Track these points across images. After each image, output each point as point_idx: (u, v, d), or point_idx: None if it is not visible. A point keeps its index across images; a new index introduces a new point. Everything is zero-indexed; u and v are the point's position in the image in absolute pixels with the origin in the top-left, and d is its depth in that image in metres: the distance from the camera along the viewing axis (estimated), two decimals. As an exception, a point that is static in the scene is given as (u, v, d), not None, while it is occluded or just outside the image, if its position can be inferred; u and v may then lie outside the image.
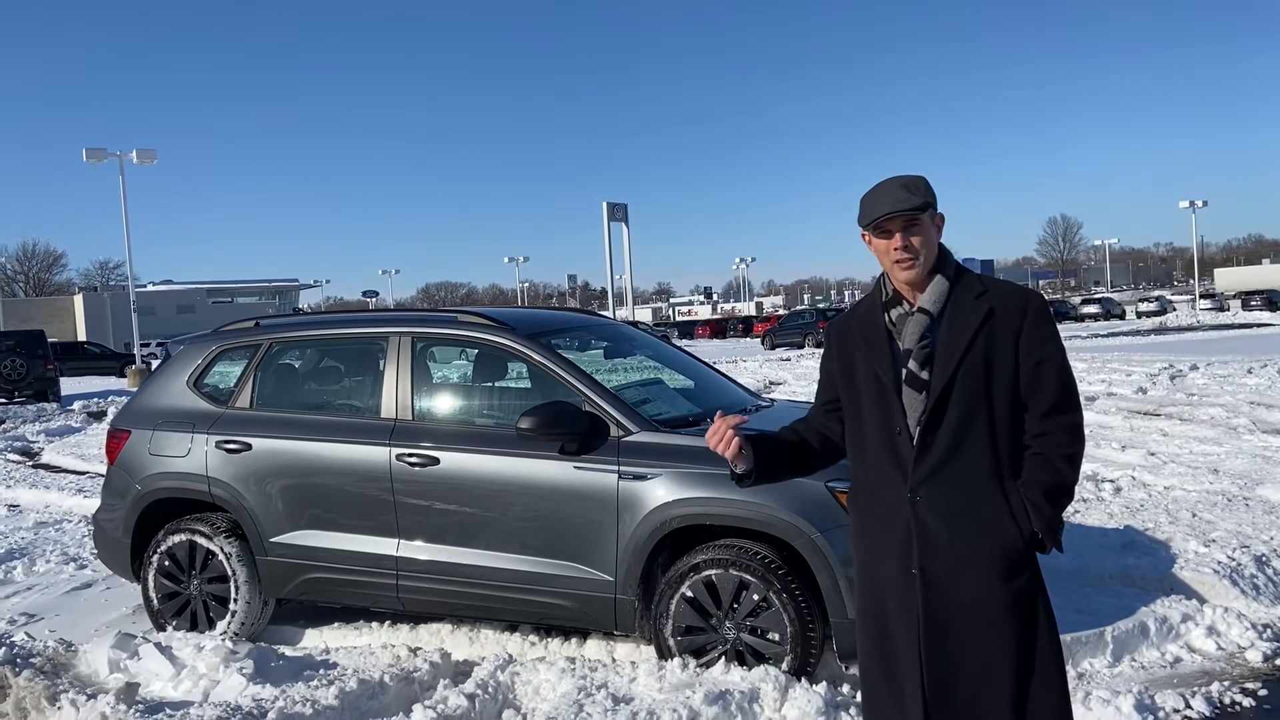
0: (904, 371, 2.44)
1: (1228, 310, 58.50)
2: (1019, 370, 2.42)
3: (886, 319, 2.51)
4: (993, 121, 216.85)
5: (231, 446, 5.17)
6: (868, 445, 2.53)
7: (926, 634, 2.40)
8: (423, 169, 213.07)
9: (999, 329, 2.42)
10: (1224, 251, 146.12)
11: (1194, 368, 17.88)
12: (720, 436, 2.54)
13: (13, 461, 13.43)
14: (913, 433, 2.42)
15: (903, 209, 2.41)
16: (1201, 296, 63.05)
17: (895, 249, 2.43)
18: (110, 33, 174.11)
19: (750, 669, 4.04)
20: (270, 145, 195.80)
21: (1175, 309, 60.33)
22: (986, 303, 2.44)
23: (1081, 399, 2.53)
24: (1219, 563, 5.35)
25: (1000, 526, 2.40)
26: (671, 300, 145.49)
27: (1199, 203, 66.40)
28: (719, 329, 66.76)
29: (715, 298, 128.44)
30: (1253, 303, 56.66)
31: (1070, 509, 6.99)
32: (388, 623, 5.25)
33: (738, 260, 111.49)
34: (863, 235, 2.52)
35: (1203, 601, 4.93)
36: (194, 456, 5.24)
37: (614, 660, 4.65)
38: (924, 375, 2.41)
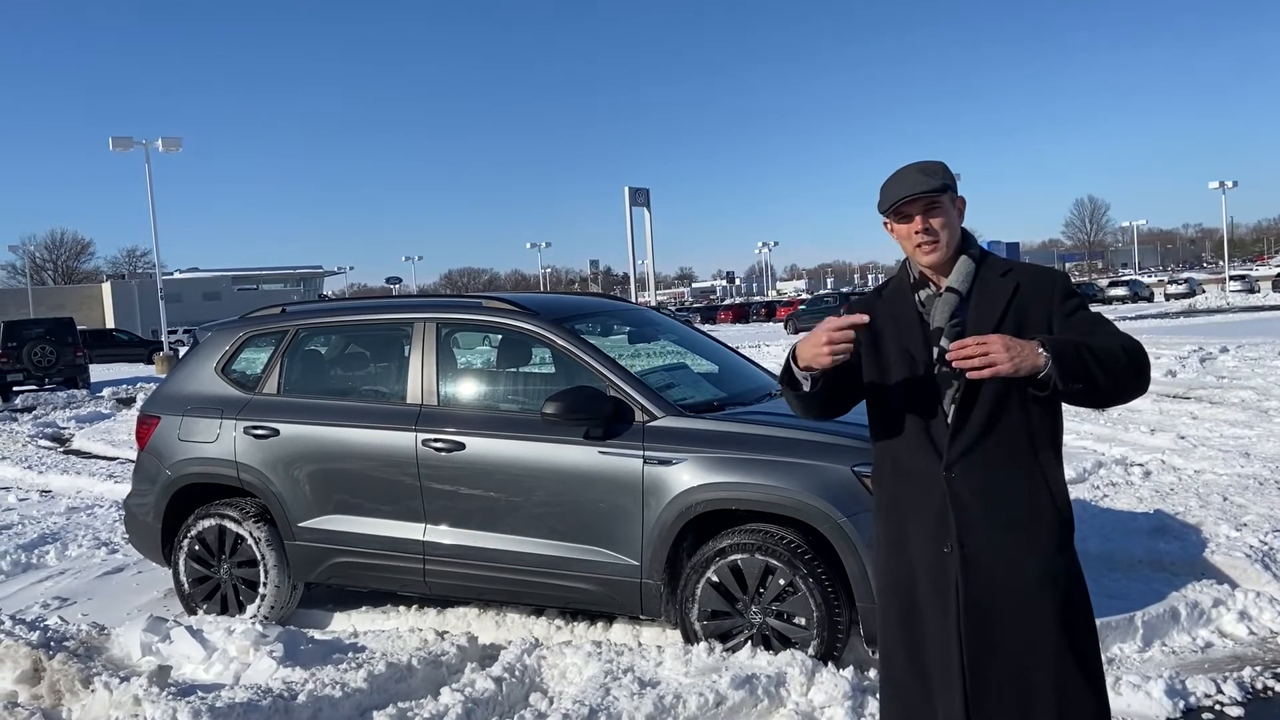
0: (936, 350, 2.43)
1: (1258, 292, 57.66)
2: None
3: (916, 300, 2.50)
4: (1018, 101, 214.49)
5: (259, 432, 5.21)
6: (897, 424, 2.49)
7: (967, 612, 2.37)
8: (445, 156, 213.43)
9: (1029, 304, 2.41)
10: (1254, 232, 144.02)
11: (1224, 350, 17.66)
12: (837, 330, 2.31)
13: (44, 447, 13.61)
14: (947, 410, 2.41)
15: (921, 191, 2.40)
16: (1231, 278, 62.05)
17: (915, 232, 2.43)
18: (137, 21, 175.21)
19: (776, 653, 4.04)
20: (295, 133, 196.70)
21: (1204, 291, 59.52)
22: (1013, 279, 2.44)
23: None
24: (1250, 547, 5.30)
25: (1038, 502, 2.39)
26: (693, 286, 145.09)
27: (1229, 183, 65.26)
28: (741, 313, 66.72)
29: (737, 282, 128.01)
30: (1283, 284, 55.77)
31: (1099, 492, 6.93)
32: (415, 606, 5.29)
33: (760, 244, 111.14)
34: (884, 223, 2.52)
35: (1234, 586, 4.88)
36: (223, 442, 5.29)
37: (640, 644, 4.66)
38: None
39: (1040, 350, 2.24)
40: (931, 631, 2.43)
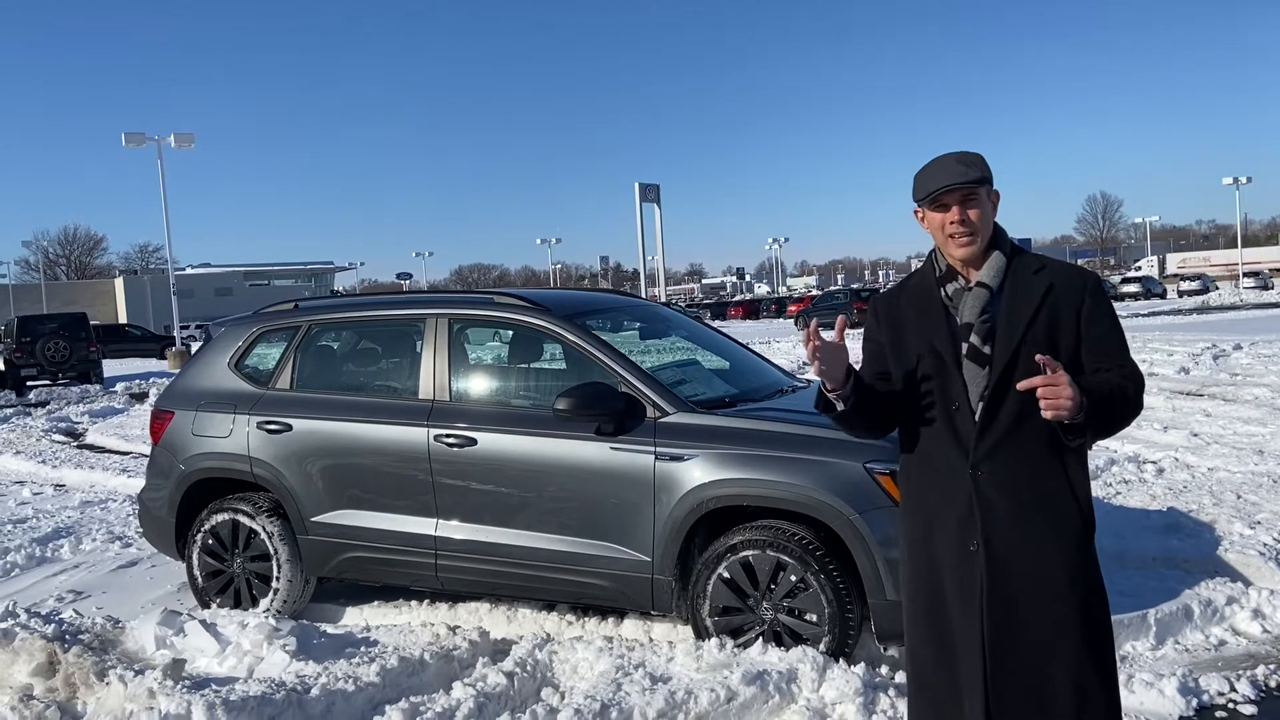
0: (965, 346, 2.41)
1: (1272, 288, 57.28)
2: (1079, 345, 2.40)
3: (943, 294, 2.48)
4: (1029, 97, 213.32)
5: (272, 427, 5.23)
6: (923, 421, 2.48)
7: (990, 609, 2.37)
8: (456, 153, 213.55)
9: (1060, 304, 2.40)
10: (1268, 228, 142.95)
11: (1238, 347, 17.54)
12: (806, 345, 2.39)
13: (58, 442, 13.69)
14: (974, 407, 2.39)
15: (960, 181, 2.38)
16: (1245, 275, 61.65)
17: (951, 222, 2.41)
18: (149, 16, 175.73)
19: (788, 650, 4.04)
20: (306, 129, 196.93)
21: (1218, 287, 59.16)
22: (1046, 278, 2.43)
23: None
24: (1264, 545, 5.28)
25: (1062, 501, 2.39)
26: (704, 282, 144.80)
27: (1243, 179, 64.82)
28: (752, 309, 66.62)
29: (748, 278, 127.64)
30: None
31: (1112, 490, 6.91)
32: (427, 601, 5.31)
33: (770, 240, 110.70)
34: (916, 212, 2.49)
35: (1248, 584, 4.86)
36: (236, 437, 5.31)
37: (651, 640, 4.67)
38: (986, 350, 2.38)
39: (1080, 416, 2.28)
40: (957, 629, 2.42)
